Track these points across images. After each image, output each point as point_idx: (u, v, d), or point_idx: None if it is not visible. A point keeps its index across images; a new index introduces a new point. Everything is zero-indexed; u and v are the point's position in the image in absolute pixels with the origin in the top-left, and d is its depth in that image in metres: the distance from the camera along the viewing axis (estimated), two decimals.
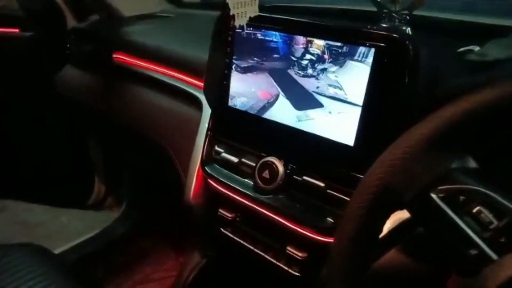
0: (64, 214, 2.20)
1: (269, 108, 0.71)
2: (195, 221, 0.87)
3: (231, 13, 0.51)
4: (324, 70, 0.63)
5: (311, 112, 0.66)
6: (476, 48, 0.79)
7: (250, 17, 0.56)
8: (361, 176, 0.62)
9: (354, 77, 0.60)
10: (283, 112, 0.69)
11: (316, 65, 0.64)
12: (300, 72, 0.66)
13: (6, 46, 1.42)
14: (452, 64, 0.70)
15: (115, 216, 1.94)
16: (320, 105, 0.64)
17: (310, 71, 0.65)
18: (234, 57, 0.73)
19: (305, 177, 0.68)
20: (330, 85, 0.63)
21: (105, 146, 1.64)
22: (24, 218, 2.23)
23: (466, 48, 0.79)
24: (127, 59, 1.11)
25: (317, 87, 0.64)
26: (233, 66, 0.74)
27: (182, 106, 0.96)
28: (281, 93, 0.69)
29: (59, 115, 1.56)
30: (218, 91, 0.77)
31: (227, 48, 0.74)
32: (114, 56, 1.14)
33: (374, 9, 0.78)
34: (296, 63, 0.66)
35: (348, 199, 0.64)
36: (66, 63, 1.29)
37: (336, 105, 0.63)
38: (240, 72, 0.73)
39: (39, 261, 0.90)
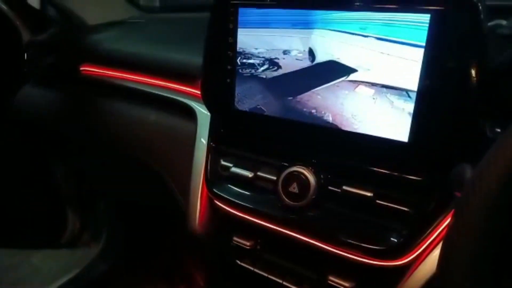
0: (33, 255, 1.98)
1: (290, 106, 0.57)
2: (204, 253, 0.71)
3: None
4: (360, 56, 0.50)
5: (348, 106, 0.52)
6: (503, 22, 0.72)
7: None
8: (419, 178, 0.51)
9: (403, 57, 0.47)
10: (307, 109, 0.55)
11: (349, 49, 0.51)
12: (330, 58, 0.52)
13: None
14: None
15: (94, 252, 1.74)
16: (359, 96, 0.51)
17: (344, 55, 0.51)
18: (239, 47, 0.59)
19: (345, 187, 0.54)
20: (371, 70, 0.50)
21: (76, 174, 1.44)
22: None
23: (493, 22, 0.71)
24: (98, 70, 0.94)
25: (355, 75, 0.51)
26: (238, 60, 0.60)
27: (172, 117, 0.81)
28: (307, 86, 0.55)
29: (18, 143, 1.36)
30: (220, 92, 0.63)
31: (229, 38, 0.60)
32: (81, 68, 0.97)
33: None
34: (324, 46, 0.52)
35: (404, 209, 0.51)
36: (24, 83, 1.11)
37: (382, 94, 0.49)
38: (248, 66, 0.59)
39: None
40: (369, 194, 0.52)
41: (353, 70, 0.51)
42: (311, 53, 0.54)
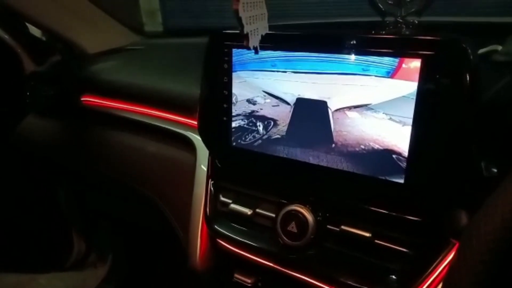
0: (41, 276, 1.99)
1: (285, 145, 0.57)
2: None
3: (244, 31, 0.38)
4: (356, 95, 0.50)
5: (342, 146, 0.52)
6: (499, 48, 0.72)
7: (262, 36, 0.42)
8: (417, 219, 0.50)
9: (396, 99, 0.47)
10: (304, 148, 0.55)
11: (344, 89, 0.51)
12: (324, 99, 0.53)
13: None
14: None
15: (100, 273, 1.74)
16: (353, 136, 0.51)
17: (337, 97, 0.52)
18: (234, 87, 0.60)
19: (343, 227, 0.54)
20: (364, 113, 0.50)
21: (79, 198, 1.45)
22: None
23: (488, 48, 0.71)
24: (99, 101, 0.95)
25: (348, 116, 0.51)
26: (234, 98, 0.60)
27: (171, 149, 0.82)
28: (300, 125, 0.55)
29: (20, 170, 1.37)
30: (217, 129, 0.63)
31: (224, 77, 0.60)
32: (82, 99, 0.98)
33: (372, 19, 0.67)
34: (318, 88, 0.53)
35: (403, 249, 0.51)
36: (26, 114, 1.12)
37: (376, 135, 0.49)
38: (243, 104, 0.60)
39: None
40: (367, 234, 0.52)
41: (349, 108, 0.51)
42: (306, 93, 0.54)
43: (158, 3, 4.83)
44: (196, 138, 0.77)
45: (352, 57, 0.49)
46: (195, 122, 0.78)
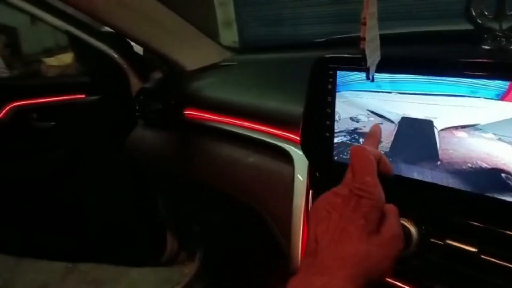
0: (133, 270, 2.18)
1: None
2: None
3: (368, 65, 0.43)
4: (463, 116, 0.53)
5: (448, 163, 0.54)
6: None
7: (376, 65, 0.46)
8: None
9: (506, 121, 0.49)
10: (408, 164, 0.58)
11: (452, 110, 0.53)
12: (430, 118, 0.55)
13: (74, 112, 1.43)
14: None
15: (187, 271, 1.87)
16: (460, 154, 0.53)
17: (443, 117, 0.54)
18: (337, 105, 0.64)
19: (448, 241, 0.56)
20: (472, 132, 0.52)
21: (175, 202, 1.58)
22: (94, 276, 2.24)
23: None
24: (200, 114, 1.05)
25: (455, 135, 0.53)
26: (337, 116, 0.65)
27: (270, 161, 0.88)
28: (405, 142, 0.58)
29: (127, 174, 1.53)
30: (319, 144, 0.68)
31: (328, 97, 0.65)
32: (185, 112, 1.09)
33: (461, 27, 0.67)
34: (424, 108, 0.56)
35: (508, 264, 0.52)
36: (135, 125, 1.26)
37: (484, 154, 0.51)
38: (346, 121, 0.64)
39: None
40: (473, 249, 0.54)
41: (456, 128, 0.54)
42: (411, 112, 0.57)
43: (234, 14, 5.03)
44: (293, 150, 0.82)
45: (461, 80, 0.52)
46: (292, 135, 0.84)
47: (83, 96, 1.41)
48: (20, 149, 1.50)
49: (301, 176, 0.78)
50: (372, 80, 0.47)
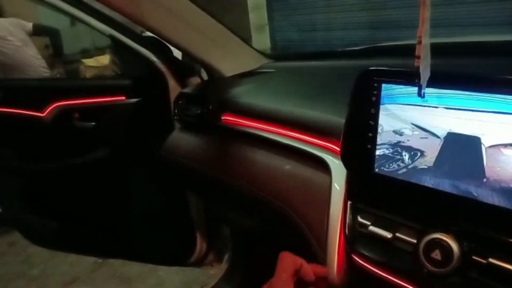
0: (161, 268, 2.23)
1: (432, 175, 0.60)
2: None
3: (421, 83, 0.43)
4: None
5: (495, 181, 0.54)
6: None
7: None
8: None
9: None
10: (452, 179, 0.58)
11: (500, 127, 0.53)
12: (478, 135, 0.55)
13: (114, 113, 1.47)
14: None
15: (214, 273, 1.89)
16: (507, 172, 0.53)
17: (491, 133, 0.54)
18: (381, 118, 0.65)
19: (492, 260, 0.55)
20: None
21: (208, 203, 1.61)
22: (122, 272, 2.31)
23: None
24: (238, 120, 1.07)
25: (503, 153, 0.53)
26: (380, 128, 0.65)
27: (306, 169, 0.89)
28: (450, 157, 0.58)
29: (162, 175, 1.57)
30: (360, 155, 0.69)
31: (371, 109, 0.66)
32: (222, 118, 1.11)
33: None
34: (472, 124, 0.55)
35: None
36: (172, 128, 1.30)
37: None
38: (389, 134, 0.64)
39: None
40: None
41: (505, 146, 0.53)
42: (457, 128, 0.57)
43: (267, 18, 5.07)
44: (331, 160, 0.83)
45: (510, 97, 0.51)
46: (329, 144, 0.85)
47: (123, 98, 1.46)
48: (62, 147, 1.56)
49: (338, 186, 0.78)
50: (423, 97, 0.47)
